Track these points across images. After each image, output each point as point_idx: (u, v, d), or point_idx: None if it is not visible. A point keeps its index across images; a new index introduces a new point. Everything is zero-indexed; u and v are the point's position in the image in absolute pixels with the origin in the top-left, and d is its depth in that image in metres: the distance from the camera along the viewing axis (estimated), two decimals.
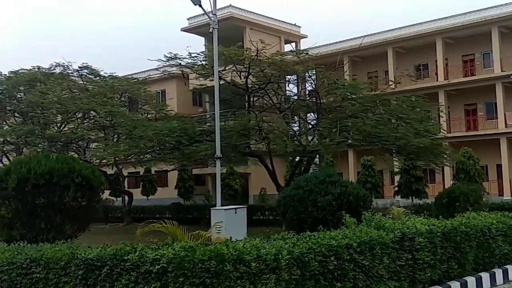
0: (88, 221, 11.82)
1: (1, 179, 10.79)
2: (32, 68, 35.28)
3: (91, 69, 34.68)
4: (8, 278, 7.60)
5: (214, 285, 6.21)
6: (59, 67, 34.86)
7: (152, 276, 6.51)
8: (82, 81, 34.13)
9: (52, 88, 30.92)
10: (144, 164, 35.09)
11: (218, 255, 6.28)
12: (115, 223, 31.95)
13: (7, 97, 33.65)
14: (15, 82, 33.74)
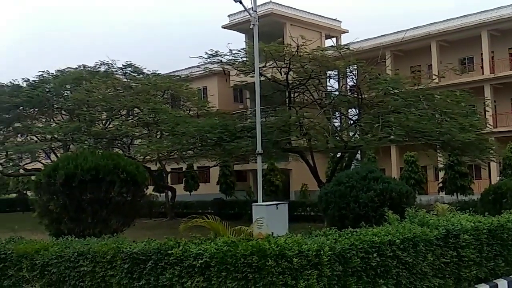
0: (133, 216, 12.05)
1: (50, 175, 11.10)
2: (78, 67, 36.18)
3: (135, 67, 35.34)
4: (57, 271, 7.79)
5: (257, 280, 6.26)
6: (103, 65, 35.67)
7: (196, 270, 6.60)
8: (126, 79, 34.78)
9: (97, 86, 31.61)
10: (187, 160, 35.51)
11: (260, 250, 6.32)
12: (159, 218, 32.47)
13: (54, 95, 34.53)
14: (62, 81, 34.64)
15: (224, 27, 43.65)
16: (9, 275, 8.23)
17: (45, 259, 7.92)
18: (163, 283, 6.83)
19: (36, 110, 35.43)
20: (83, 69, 35.83)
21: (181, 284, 6.68)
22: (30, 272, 8.01)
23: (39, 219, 11.51)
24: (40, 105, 34.24)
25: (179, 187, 37.46)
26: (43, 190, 11.39)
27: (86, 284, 7.51)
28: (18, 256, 8.20)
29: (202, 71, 35.64)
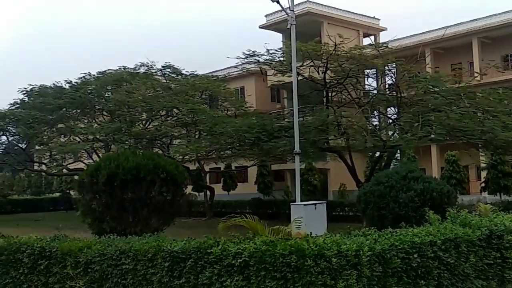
0: (173, 215, 12.21)
1: (92, 174, 11.35)
2: (119, 68, 36.84)
3: (174, 68, 35.76)
4: (99, 269, 7.94)
5: (295, 279, 6.27)
6: (143, 66, 36.21)
7: (235, 269, 6.66)
8: (165, 80, 35.21)
9: (137, 87, 32.10)
10: (225, 160, 35.73)
11: (299, 250, 6.34)
12: (198, 217, 32.78)
13: (96, 96, 35.22)
14: (103, 82, 35.34)
15: (261, 27, 43.73)
16: (54, 272, 8.41)
17: (88, 257, 8.07)
18: (202, 281, 6.91)
19: (79, 111, 36.22)
20: (123, 71, 36.43)
21: (221, 282, 6.75)
22: (74, 270, 8.17)
23: (82, 218, 11.78)
24: (82, 106, 35.00)
25: (217, 186, 37.73)
26: (86, 190, 11.64)
27: (128, 281, 7.64)
28: (63, 254, 8.37)
29: (240, 71, 35.86)
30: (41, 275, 8.52)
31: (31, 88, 37.19)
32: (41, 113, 33.23)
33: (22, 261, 8.68)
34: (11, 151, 37.83)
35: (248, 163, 35.60)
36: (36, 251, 8.61)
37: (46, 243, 8.74)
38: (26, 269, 8.64)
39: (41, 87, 37.07)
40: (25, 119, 32.65)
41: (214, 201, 34.84)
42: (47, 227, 20.69)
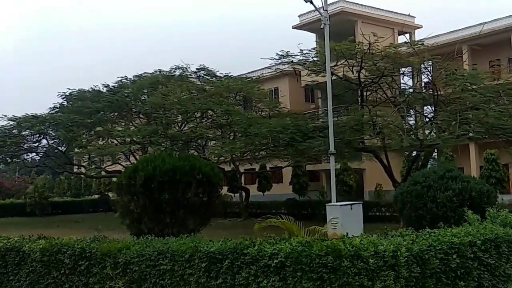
0: (209, 216, 12.29)
1: (130, 176, 11.52)
2: (154, 72, 37.34)
3: (208, 70, 36.03)
4: (138, 269, 8.05)
5: (332, 280, 6.26)
6: (178, 69, 36.60)
7: (271, 270, 6.69)
8: (200, 82, 35.50)
9: (172, 89, 32.45)
10: (260, 161, 35.80)
11: (335, 250, 6.32)
12: (234, 218, 32.91)
13: (132, 99, 35.79)
14: (140, 85, 35.88)
15: (295, 27, 43.66)
16: (94, 273, 8.55)
17: (127, 258, 8.18)
18: (239, 282, 6.96)
19: (116, 114, 36.88)
20: (159, 74, 36.91)
21: (257, 283, 6.79)
22: (113, 270, 8.29)
23: (121, 219, 11.96)
24: (120, 109, 35.62)
25: (252, 187, 37.81)
26: (124, 191, 11.82)
27: (166, 282, 7.72)
28: (102, 254, 8.50)
29: (273, 72, 35.86)
30: (81, 276, 8.67)
31: (70, 92, 38.14)
32: (79, 117, 33.96)
33: (63, 261, 8.84)
34: (51, 154, 38.77)
35: (283, 164, 35.56)
36: (77, 252, 8.76)
37: (86, 244, 8.88)
38: (67, 270, 8.80)
39: (79, 91, 37.94)
40: (64, 122, 33.41)
41: (250, 202, 34.93)
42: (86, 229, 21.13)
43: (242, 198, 35.20)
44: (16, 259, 9.32)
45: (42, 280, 9.03)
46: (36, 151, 37.66)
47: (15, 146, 34.19)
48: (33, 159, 40.41)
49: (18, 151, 35.58)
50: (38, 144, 36.39)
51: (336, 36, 26.60)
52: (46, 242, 9.36)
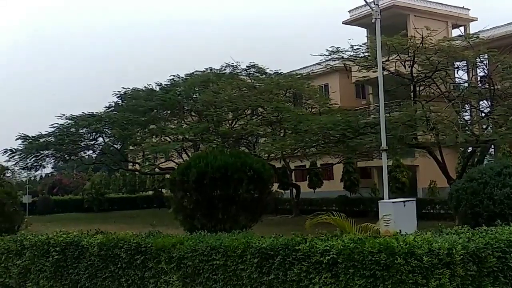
0: (260, 212, 12.36)
1: (183, 173, 11.72)
2: (205, 70, 37.81)
3: (258, 68, 36.19)
4: (192, 264, 8.16)
5: (385, 278, 6.20)
6: (229, 67, 36.94)
7: (323, 266, 6.69)
8: (250, 80, 35.68)
9: (223, 87, 32.78)
10: (310, 158, 35.69)
11: (388, 248, 6.26)
12: (284, 214, 32.97)
13: (184, 97, 36.35)
14: (191, 84, 36.42)
15: (345, 22, 43.20)
16: (149, 267, 8.73)
17: (181, 253, 8.30)
18: (291, 278, 6.99)
19: (169, 112, 37.55)
20: (210, 72, 37.33)
21: (309, 279, 6.80)
22: (168, 265, 8.44)
23: (174, 215, 12.20)
24: (172, 108, 36.25)
25: (303, 184, 37.73)
26: (177, 188, 12.03)
27: (219, 277, 7.81)
28: (157, 249, 8.65)
29: (324, 68, 35.63)
30: (137, 270, 8.85)
31: (124, 92, 39.13)
32: (134, 115, 34.76)
33: (120, 256, 9.05)
34: (107, 152, 39.86)
35: (334, 161, 35.32)
36: (133, 247, 8.94)
37: (142, 239, 9.04)
38: (124, 264, 9.00)
39: (133, 90, 38.86)
40: (119, 121, 34.28)
41: (300, 199, 34.88)
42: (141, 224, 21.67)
43: (292, 195, 35.19)
44: (75, 253, 9.62)
45: (100, 273, 9.29)
46: (93, 149, 38.78)
47: (73, 144, 35.32)
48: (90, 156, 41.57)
49: (76, 149, 36.74)
50: (94, 142, 37.48)
51: (387, 31, 26.14)
52: (104, 237, 9.61)
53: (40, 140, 35.34)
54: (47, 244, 9.96)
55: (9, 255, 10.49)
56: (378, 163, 32.06)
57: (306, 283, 6.83)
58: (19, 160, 36.67)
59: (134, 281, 8.88)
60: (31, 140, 35.49)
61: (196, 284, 8.09)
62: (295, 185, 35.68)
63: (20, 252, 10.31)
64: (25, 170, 41.88)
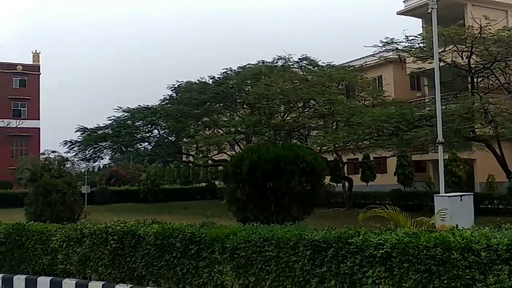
0: (312, 205, 12.32)
1: (236, 165, 11.82)
2: (257, 63, 37.96)
3: (310, 60, 36.00)
4: (245, 255, 8.25)
5: (441, 273, 6.11)
6: (281, 60, 36.95)
7: (376, 260, 6.65)
8: (302, 72, 35.56)
9: (275, 80, 32.81)
10: (363, 151, 35.28)
11: (444, 242, 6.16)
12: (336, 208, 32.76)
13: (236, 90, 36.65)
14: (243, 77, 36.65)
15: (399, 13, 42.33)
16: (203, 257, 8.87)
17: (234, 243, 8.41)
18: (344, 271, 6.99)
19: (221, 105, 37.97)
20: (262, 65, 37.46)
21: (362, 273, 6.78)
22: (222, 255, 8.56)
23: (227, 206, 12.34)
24: (225, 100, 36.63)
25: (355, 177, 37.33)
26: (230, 179, 12.15)
27: (272, 268, 7.89)
28: (211, 239, 8.78)
29: (377, 60, 35.12)
30: (192, 259, 9.01)
31: (178, 85, 39.86)
32: (187, 108, 35.34)
33: (175, 245, 9.22)
34: (162, 144, 40.70)
35: (387, 154, 34.78)
36: (187, 237, 9.10)
37: (196, 229, 9.19)
38: (179, 253, 9.17)
39: (187, 83, 39.53)
40: (173, 113, 34.93)
41: (353, 192, 34.56)
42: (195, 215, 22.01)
43: (345, 188, 34.91)
44: (132, 242, 9.88)
45: (156, 262, 9.52)
46: (148, 141, 39.70)
47: (129, 136, 36.26)
48: (146, 148, 42.62)
49: (132, 140, 37.68)
50: (150, 134, 38.36)
51: (444, 21, 25.48)
52: (159, 226, 9.83)
53: (98, 132, 36.48)
54: (105, 233, 10.26)
55: (69, 242, 10.86)
56: (433, 157, 31.29)
57: (359, 277, 6.82)
58: (78, 152, 38.03)
59: (188, 270, 9.06)
60: (89, 132, 36.70)
61: (249, 275, 8.19)
62: (347, 178, 35.38)
63: (80, 240, 10.68)
64: (84, 161, 43.26)
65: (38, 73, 69.82)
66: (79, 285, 10.44)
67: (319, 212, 17.78)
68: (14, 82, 67.77)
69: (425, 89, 40.95)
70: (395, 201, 28.77)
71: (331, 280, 7.15)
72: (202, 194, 48.58)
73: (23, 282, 11.28)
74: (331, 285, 7.14)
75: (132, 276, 9.84)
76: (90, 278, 10.46)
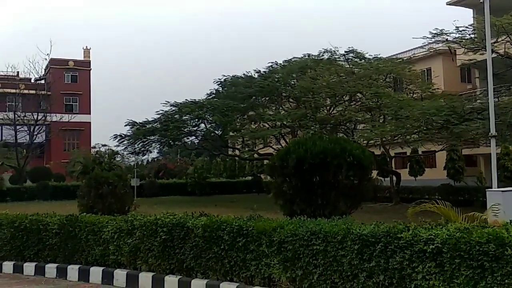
0: (360, 199, 12.22)
1: (283, 158, 11.82)
2: (303, 56, 37.79)
3: (357, 53, 35.53)
4: (292, 248, 8.29)
5: (494, 269, 5.98)
6: (327, 53, 36.62)
7: (427, 255, 6.56)
8: (348, 65, 35.18)
9: (321, 73, 32.58)
10: (411, 145, 34.67)
11: (497, 238, 6.02)
12: (384, 202, 32.32)
13: (282, 84, 36.59)
14: (289, 70, 36.56)
15: (449, 3, 41.20)
16: (250, 249, 8.95)
17: (282, 237, 8.46)
18: (393, 266, 6.92)
19: (267, 99, 38.00)
20: (307, 58, 37.26)
21: (412, 268, 6.71)
22: (269, 248, 8.62)
23: (274, 199, 12.36)
24: (270, 94, 36.63)
25: (403, 172, 36.69)
26: (277, 173, 12.17)
27: (319, 262, 7.90)
28: (258, 232, 8.85)
29: (426, 51, 34.35)
30: (239, 252, 9.10)
31: (224, 79, 40.15)
32: (233, 102, 35.56)
33: (223, 238, 9.33)
34: (208, 138, 41.11)
35: (437, 148, 34.03)
36: (235, 229, 9.19)
37: (243, 222, 9.27)
38: (226, 246, 9.27)
39: (233, 78, 39.76)
40: (220, 107, 35.20)
41: (400, 187, 34.00)
42: (241, 208, 22.20)
43: (392, 182, 34.39)
44: (181, 234, 10.04)
45: (204, 254, 9.66)
46: (195, 135, 40.16)
47: (177, 130, 36.76)
48: (193, 142, 43.11)
49: (180, 134, 38.19)
50: (197, 128, 38.79)
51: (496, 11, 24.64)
52: (207, 219, 9.96)
53: (147, 126, 37.18)
54: (155, 225, 10.46)
55: (120, 234, 11.13)
56: (485, 151, 30.44)
57: (409, 272, 6.74)
58: (127, 145, 38.89)
59: (236, 263, 9.17)
60: (138, 126, 37.45)
61: (296, 268, 8.22)
62: (395, 172, 34.82)
63: (131, 231, 10.93)
64: (133, 155, 44.18)
65: (89, 69, 71.74)
66: (130, 275, 10.70)
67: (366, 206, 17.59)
68: (66, 77, 69.83)
69: (476, 81, 39.81)
70: (444, 196, 28.10)
71: (380, 275, 7.10)
72: (248, 187, 48.76)
73: (77, 272, 11.65)
74: (380, 280, 7.09)
75: (181, 267, 10.01)
76: (140, 269, 10.70)
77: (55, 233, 12.30)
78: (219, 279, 9.43)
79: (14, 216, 13.28)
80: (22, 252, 12.74)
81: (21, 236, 12.78)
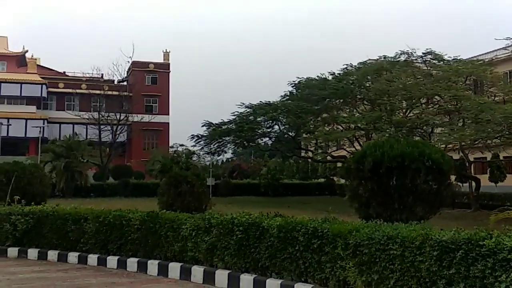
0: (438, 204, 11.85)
1: (358, 161, 11.66)
2: (379, 58, 37.22)
3: (435, 54, 34.64)
4: (368, 252, 8.21)
5: None
6: (403, 54, 35.93)
7: (510, 264, 6.36)
8: (426, 67, 34.31)
9: (397, 75, 32.02)
10: (492, 149, 33.35)
11: None
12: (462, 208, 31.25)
13: (357, 86, 36.26)
14: (364, 72, 36.17)
15: None
16: (325, 251, 8.94)
17: (357, 240, 8.40)
18: (474, 274, 6.73)
19: (341, 101, 37.77)
20: (383, 60, 36.72)
21: (495, 277, 6.50)
22: (344, 251, 8.58)
23: (349, 202, 12.25)
24: (344, 96, 36.38)
25: (483, 177, 35.35)
26: (352, 176, 12.03)
27: (396, 267, 7.77)
28: (333, 235, 8.83)
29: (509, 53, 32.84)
30: (314, 253, 9.11)
31: (298, 81, 40.26)
32: (307, 104, 35.62)
33: (298, 239, 9.37)
34: (282, 139, 41.33)
35: None
36: (310, 231, 9.21)
37: (318, 224, 9.28)
38: (301, 247, 9.30)
39: (307, 80, 39.80)
40: (293, 109, 35.36)
41: (480, 193, 32.75)
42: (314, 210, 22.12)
43: (471, 188, 33.18)
44: (257, 233, 10.16)
45: (279, 254, 9.73)
46: (269, 136, 40.51)
47: (251, 131, 37.28)
48: (266, 143, 43.51)
49: (254, 136, 38.70)
50: (270, 130, 39.15)
51: None
52: (282, 219, 10.04)
53: (223, 127, 37.93)
54: (231, 224, 10.67)
55: (198, 231, 11.42)
56: None
57: (491, 281, 6.54)
58: (204, 145, 39.85)
59: (311, 264, 9.19)
60: (214, 127, 38.28)
61: (372, 272, 8.14)
62: (474, 178, 33.58)
63: (208, 229, 11.19)
64: (209, 155, 45.12)
65: (168, 71, 73.96)
66: (207, 272, 10.97)
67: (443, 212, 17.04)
68: (146, 79, 72.32)
69: None
70: None
71: (460, 282, 6.92)
72: (321, 189, 48.52)
73: (156, 267, 12.07)
74: None
75: (256, 266, 10.17)
76: (217, 266, 10.96)
77: (136, 228, 12.77)
78: (293, 279, 9.49)
79: (98, 211, 13.90)
80: (106, 245, 13.32)
81: (105, 230, 13.37)
